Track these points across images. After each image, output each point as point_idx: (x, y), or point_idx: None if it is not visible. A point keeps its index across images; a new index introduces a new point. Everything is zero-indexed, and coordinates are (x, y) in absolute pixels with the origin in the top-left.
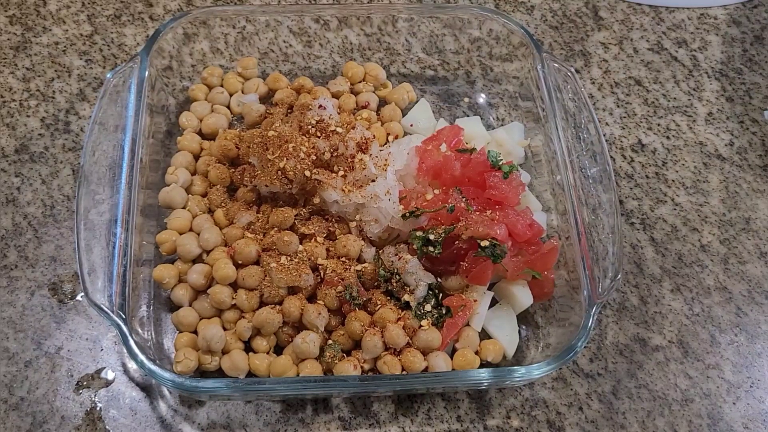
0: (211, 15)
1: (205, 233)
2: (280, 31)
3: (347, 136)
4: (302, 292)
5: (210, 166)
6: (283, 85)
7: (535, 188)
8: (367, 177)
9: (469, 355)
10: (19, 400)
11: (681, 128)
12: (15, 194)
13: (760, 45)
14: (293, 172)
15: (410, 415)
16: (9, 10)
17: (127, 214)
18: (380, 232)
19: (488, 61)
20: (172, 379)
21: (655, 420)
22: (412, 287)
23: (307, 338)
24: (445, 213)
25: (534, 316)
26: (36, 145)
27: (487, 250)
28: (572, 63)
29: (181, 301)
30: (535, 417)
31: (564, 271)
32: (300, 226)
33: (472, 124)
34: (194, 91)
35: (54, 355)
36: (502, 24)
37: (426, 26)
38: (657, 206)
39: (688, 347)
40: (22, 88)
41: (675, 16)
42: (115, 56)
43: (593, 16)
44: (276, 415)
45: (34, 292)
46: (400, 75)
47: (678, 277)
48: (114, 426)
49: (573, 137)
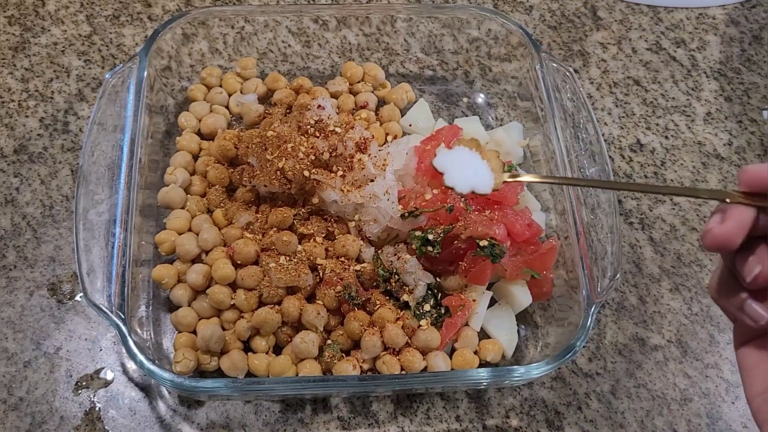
0: (209, 15)
1: (204, 233)
2: (279, 31)
3: (346, 136)
4: (301, 291)
5: (209, 166)
6: (281, 85)
7: (534, 188)
8: (366, 177)
9: (468, 354)
10: (18, 400)
11: (680, 128)
12: (14, 194)
13: (759, 45)
14: (292, 172)
15: (409, 415)
16: (8, 10)
17: (126, 214)
18: (379, 231)
19: (487, 61)
20: (172, 379)
21: (654, 419)
22: (411, 287)
23: (306, 338)
24: (444, 213)
25: (533, 316)
26: (35, 146)
27: (486, 249)
28: (571, 63)
29: (180, 301)
30: (534, 416)
31: (563, 271)
32: (299, 226)
33: (470, 124)
34: (193, 91)
35: (53, 356)
36: (501, 24)
37: (425, 26)
38: (656, 206)
39: (687, 347)
40: (20, 88)
41: (673, 16)
42: (113, 56)
43: (592, 16)
44: (275, 414)
45: (33, 292)
46: (398, 75)
47: (677, 276)
48: (113, 426)
49: (572, 137)
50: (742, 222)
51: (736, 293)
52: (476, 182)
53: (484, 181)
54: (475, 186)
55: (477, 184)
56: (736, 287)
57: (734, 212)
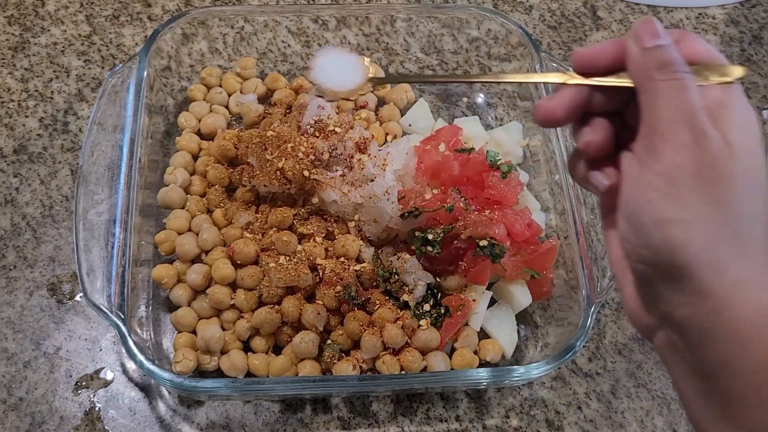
0: (209, 15)
1: (204, 233)
2: (279, 31)
3: (346, 136)
4: (301, 291)
5: (209, 166)
6: (281, 85)
7: (534, 188)
8: (366, 177)
9: (467, 354)
10: (18, 400)
11: None
12: (13, 194)
13: (758, 44)
14: (292, 172)
15: (409, 415)
16: (7, 10)
17: (125, 215)
18: (379, 231)
19: (487, 61)
20: (171, 379)
21: (654, 419)
22: (410, 287)
23: (306, 338)
24: (444, 213)
25: (533, 316)
26: (34, 146)
27: (485, 249)
28: (571, 63)
29: (180, 301)
30: (534, 416)
31: (563, 271)
32: (299, 226)
33: (470, 124)
34: (193, 91)
35: (53, 356)
36: (501, 24)
37: (424, 26)
38: None
39: None
40: (20, 88)
41: (673, 15)
42: (113, 56)
43: (591, 16)
44: (275, 414)
45: (32, 292)
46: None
47: None
48: (113, 426)
49: (572, 136)
50: (567, 98)
51: (582, 166)
52: (345, 79)
53: (352, 78)
54: (344, 83)
55: (346, 80)
56: (582, 161)
57: (563, 91)
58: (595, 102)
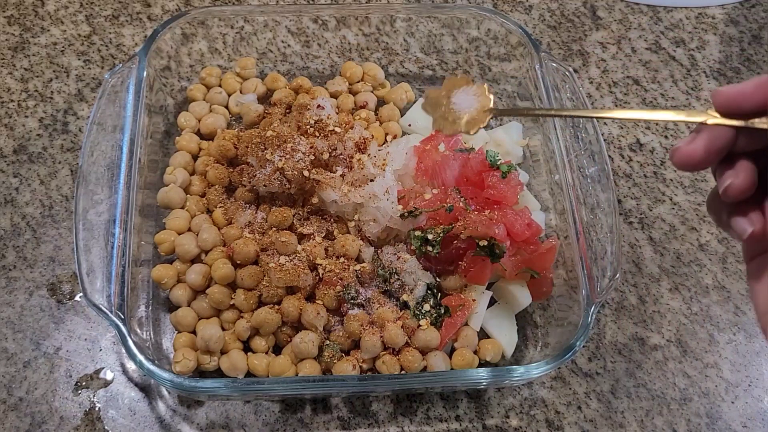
0: (209, 15)
1: (204, 233)
2: (279, 31)
3: (346, 135)
4: (301, 291)
5: (208, 166)
6: (281, 85)
7: (534, 188)
8: (366, 177)
9: (467, 354)
10: (18, 400)
11: (679, 127)
12: (13, 195)
13: (758, 44)
14: (292, 172)
15: (409, 415)
16: (7, 10)
17: (125, 215)
18: (379, 231)
19: (486, 61)
20: (171, 379)
21: (653, 419)
22: (410, 287)
23: (305, 338)
24: (444, 213)
25: (533, 316)
26: (34, 146)
27: (485, 249)
28: (570, 63)
29: (179, 301)
30: (533, 416)
31: (562, 271)
32: (298, 226)
33: None
34: (192, 91)
35: (53, 356)
36: (500, 24)
37: (424, 26)
38: (655, 205)
39: (687, 346)
40: (20, 88)
41: (673, 15)
42: (113, 56)
43: (591, 16)
44: (275, 415)
45: (32, 292)
46: (398, 75)
47: (676, 276)
48: (113, 426)
49: (571, 137)
50: (711, 141)
51: (724, 209)
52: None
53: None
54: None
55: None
56: (724, 204)
57: (705, 132)
58: (739, 143)
